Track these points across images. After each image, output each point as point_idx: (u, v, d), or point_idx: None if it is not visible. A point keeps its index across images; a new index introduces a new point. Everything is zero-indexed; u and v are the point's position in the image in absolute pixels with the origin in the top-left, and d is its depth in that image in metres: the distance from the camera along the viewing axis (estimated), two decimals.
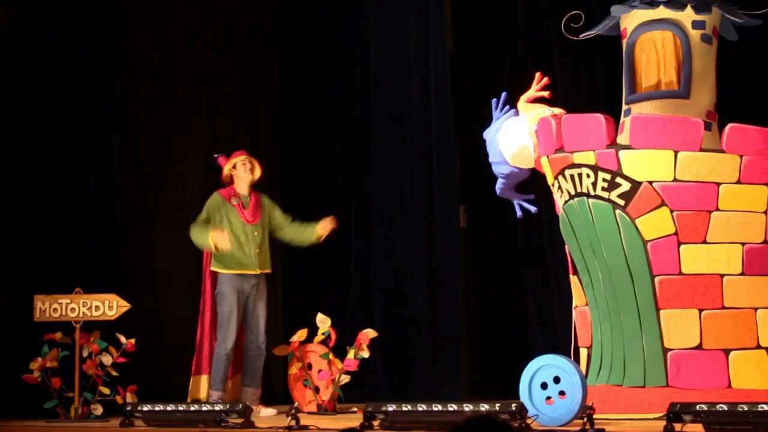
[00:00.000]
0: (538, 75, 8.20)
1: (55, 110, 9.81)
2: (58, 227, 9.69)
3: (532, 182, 8.59)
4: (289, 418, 7.06)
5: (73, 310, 8.83)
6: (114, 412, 8.50)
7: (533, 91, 8.21)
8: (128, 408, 7.71)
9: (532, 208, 8.41)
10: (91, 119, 9.83)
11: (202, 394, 8.83)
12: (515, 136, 8.21)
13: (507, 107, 8.41)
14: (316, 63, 10.77)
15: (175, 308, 10.17)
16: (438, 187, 10.10)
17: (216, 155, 9.12)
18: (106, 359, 8.77)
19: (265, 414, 8.66)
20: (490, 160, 8.37)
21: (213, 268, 8.87)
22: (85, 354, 8.78)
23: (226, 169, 8.94)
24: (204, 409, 7.46)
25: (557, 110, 8.06)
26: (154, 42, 10.32)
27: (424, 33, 10.21)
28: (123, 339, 8.78)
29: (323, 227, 8.87)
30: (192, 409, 7.44)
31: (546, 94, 8.17)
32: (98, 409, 8.74)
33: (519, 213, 8.47)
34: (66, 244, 9.64)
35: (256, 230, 8.84)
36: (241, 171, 8.90)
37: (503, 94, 8.39)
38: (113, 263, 9.75)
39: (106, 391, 8.75)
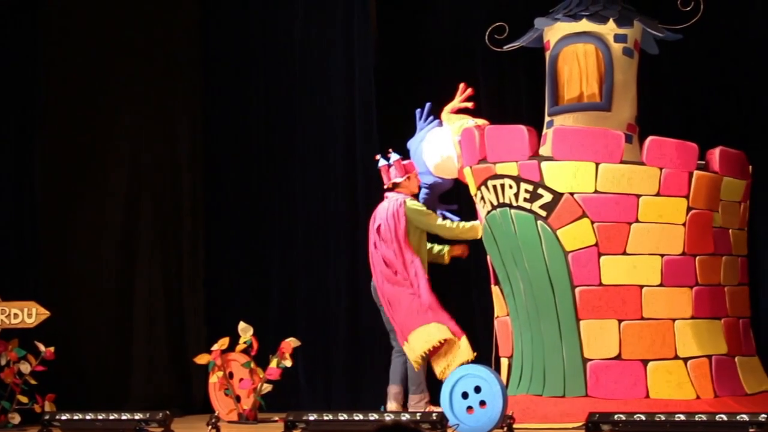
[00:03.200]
0: (462, 86, 8.25)
1: None
2: None
3: (455, 192, 8.63)
4: (210, 427, 7.03)
5: None
6: (32, 421, 8.41)
7: (457, 102, 8.26)
8: (47, 417, 7.63)
9: (455, 218, 8.45)
10: (12, 124, 9.70)
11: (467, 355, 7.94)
12: (439, 147, 8.26)
13: (431, 118, 8.45)
14: (241, 72, 10.68)
15: (95, 316, 10.06)
16: (362, 197, 10.09)
17: (391, 152, 8.34)
18: (25, 367, 8.67)
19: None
20: None
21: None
22: (2, 362, 8.68)
23: (401, 175, 8.33)
24: (123, 417, 7.39)
25: (481, 121, 8.11)
26: (77, 43, 10.19)
27: (350, 44, 10.20)
28: (42, 347, 8.68)
29: None
30: (111, 417, 7.37)
31: (470, 105, 8.23)
32: (16, 418, 8.64)
33: None
34: None
35: None
36: (415, 183, 8.41)
37: (427, 105, 8.43)
38: (32, 271, 9.63)
39: (24, 399, 8.65)
